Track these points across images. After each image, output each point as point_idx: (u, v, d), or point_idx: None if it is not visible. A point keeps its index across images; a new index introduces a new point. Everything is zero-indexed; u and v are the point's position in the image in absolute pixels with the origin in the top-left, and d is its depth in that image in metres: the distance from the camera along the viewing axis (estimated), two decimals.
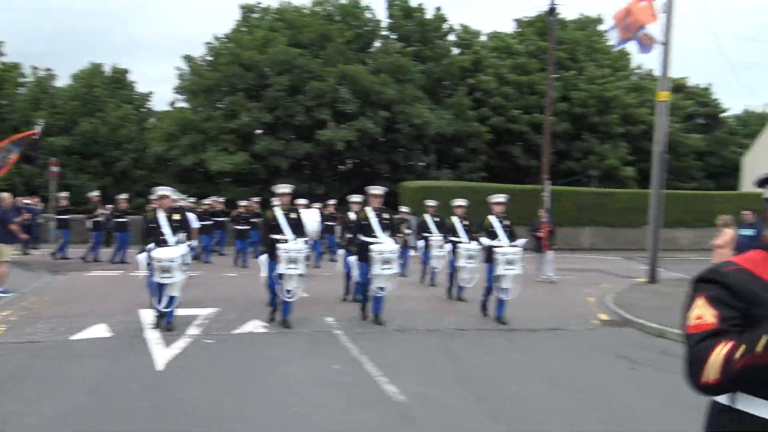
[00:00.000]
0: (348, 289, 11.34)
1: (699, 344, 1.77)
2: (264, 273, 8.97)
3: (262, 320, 9.06)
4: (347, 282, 11.29)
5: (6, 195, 11.77)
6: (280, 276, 8.58)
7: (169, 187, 9.17)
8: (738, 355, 1.65)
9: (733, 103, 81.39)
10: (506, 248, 9.52)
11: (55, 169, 22.97)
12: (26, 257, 17.02)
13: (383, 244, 9.06)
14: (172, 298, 8.34)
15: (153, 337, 7.87)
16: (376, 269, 8.87)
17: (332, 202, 19.99)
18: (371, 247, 8.99)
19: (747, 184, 32.91)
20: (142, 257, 8.55)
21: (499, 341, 8.40)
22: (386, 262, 8.89)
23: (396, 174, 31.31)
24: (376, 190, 9.50)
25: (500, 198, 10.10)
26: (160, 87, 71.50)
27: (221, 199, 19.94)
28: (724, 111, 47.82)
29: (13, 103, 29.88)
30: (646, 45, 14.91)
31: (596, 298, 12.51)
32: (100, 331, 8.24)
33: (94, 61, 33.78)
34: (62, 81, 33.33)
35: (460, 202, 12.43)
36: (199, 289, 11.93)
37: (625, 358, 7.55)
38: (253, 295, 10.40)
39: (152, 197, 9.88)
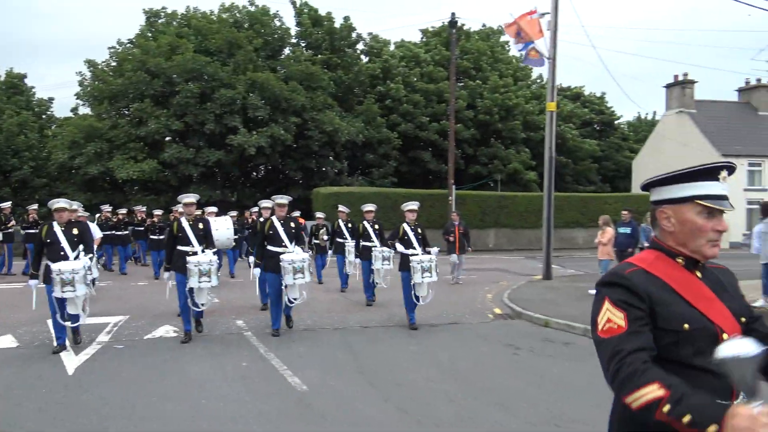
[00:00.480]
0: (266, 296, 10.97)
1: (628, 356, 1.84)
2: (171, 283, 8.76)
3: (173, 326, 9.31)
4: (261, 285, 11.02)
5: None
6: (191, 290, 8.36)
7: (65, 199, 8.55)
8: (664, 410, 1.72)
9: (625, 110, 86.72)
10: (422, 256, 9.58)
11: None
12: None
13: (293, 254, 8.87)
14: (74, 316, 7.88)
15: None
16: (289, 279, 8.71)
17: (256, 209, 19.81)
18: (282, 257, 8.78)
19: (637, 186, 35.49)
20: (33, 283, 8.04)
21: (399, 335, 9.06)
22: (297, 271, 8.73)
23: (309, 180, 31.74)
24: (281, 199, 9.36)
25: (413, 206, 10.17)
26: (59, 92, 68.41)
27: (143, 209, 19.66)
28: (617, 118, 51.15)
29: None
30: (534, 58, 16.15)
31: (494, 294, 13.45)
32: (6, 341, 8.27)
33: None
34: None
35: (369, 207, 12.56)
36: (109, 298, 11.99)
37: (510, 346, 8.38)
38: (165, 303, 10.59)
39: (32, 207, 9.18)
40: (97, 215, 18.51)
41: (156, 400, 5.77)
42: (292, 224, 9.37)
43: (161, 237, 17.03)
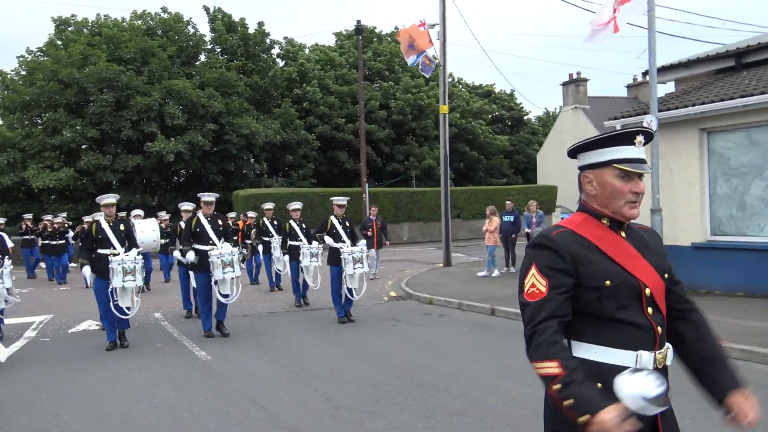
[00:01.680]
0: (190, 303, 10.85)
1: (541, 323, 1.99)
2: (89, 283, 8.81)
3: (95, 320, 10.27)
4: (184, 294, 10.93)
5: None
6: (114, 291, 8.10)
7: None
8: (554, 387, 1.89)
9: (534, 106, 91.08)
10: (352, 247, 9.73)
11: None
12: None
13: (222, 248, 8.80)
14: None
15: None
16: (218, 274, 8.63)
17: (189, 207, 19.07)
18: (210, 252, 8.73)
19: (541, 178, 38.05)
20: None
21: (300, 318, 10.38)
22: (227, 264, 8.64)
23: (230, 183, 32.48)
24: (208, 197, 9.25)
25: (342, 201, 10.42)
26: None
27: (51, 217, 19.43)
28: (526, 114, 54.03)
29: None
30: (427, 66, 17.77)
31: (394, 281, 14.94)
32: None
33: None
34: None
35: (296, 205, 12.48)
36: (32, 301, 12.77)
37: (392, 320, 9.85)
38: (86, 303, 11.47)
39: None
40: (19, 224, 18.93)
41: (80, 376, 6.86)
42: (220, 222, 9.26)
43: (58, 242, 17.34)
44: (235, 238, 11.93)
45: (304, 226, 12.13)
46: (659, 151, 9.88)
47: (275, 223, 13.99)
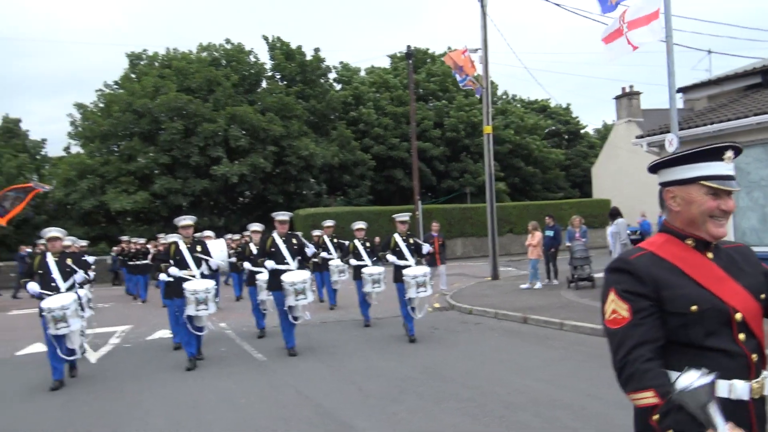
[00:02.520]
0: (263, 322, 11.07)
1: (631, 353, 1.89)
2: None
3: (167, 330, 11.58)
4: (256, 313, 11.14)
5: None
6: (190, 318, 8.39)
7: (59, 229, 8.41)
8: (654, 418, 1.80)
9: (592, 119, 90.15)
10: (415, 270, 9.57)
11: None
12: None
13: (295, 274, 8.79)
14: (71, 351, 7.82)
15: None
16: (291, 300, 8.65)
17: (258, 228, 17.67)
18: (282, 278, 8.70)
19: (597, 191, 38.05)
20: (32, 288, 7.78)
21: (352, 327, 11.38)
22: (299, 293, 8.63)
23: (291, 203, 34.06)
24: (282, 216, 9.20)
25: (404, 217, 10.23)
26: (48, 127, 70.58)
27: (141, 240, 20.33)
28: (583, 127, 53.89)
29: None
30: (476, 88, 18.72)
31: (440, 294, 15.79)
32: (37, 347, 10.53)
33: None
34: None
35: (360, 225, 12.30)
36: (114, 313, 14.33)
37: (432, 327, 10.74)
38: (160, 316, 12.85)
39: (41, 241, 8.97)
40: (114, 248, 20.23)
41: (159, 374, 8.08)
42: (294, 240, 9.21)
43: (141, 262, 18.01)
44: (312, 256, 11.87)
45: (368, 245, 12.11)
46: None
47: (334, 240, 14.14)
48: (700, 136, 10.67)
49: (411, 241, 10.11)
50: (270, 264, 8.88)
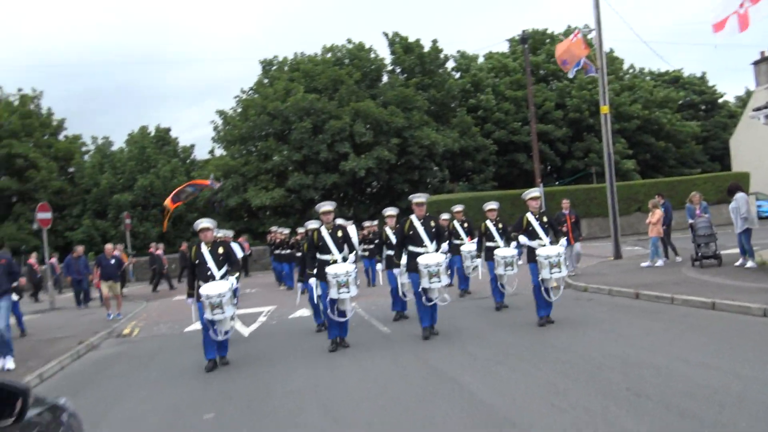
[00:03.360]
0: (400, 305, 11.01)
1: None
2: (317, 293, 9.17)
3: (308, 309, 13.02)
4: (395, 297, 10.95)
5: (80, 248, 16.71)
6: (332, 301, 8.52)
7: (209, 219, 8.83)
8: None
9: (731, 87, 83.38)
10: (549, 250, 9.16)
11: (128, 221, 27.57)
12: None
13: (430, 256, 8.82)
14: (226, 332, 8.26)
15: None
16: (425, 282, 8.69)
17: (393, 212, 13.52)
18: (418, 260, 8.77)
19: (736, 164, 35.88)
20: (190, 301, 8.54)
21: (469, 305, 12.22)
22: (434, 275, 8.66)
23: (415, 190, 35.13)
24: (419, 198, 9.16)
25: (535, 192, 9.77)
26: (193, 132, 76.99)
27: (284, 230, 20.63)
28: (720, 96, 50.55)
29: (81, 170, 35.04)
30: (588, 68, 18.74)
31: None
32: (197, 326, 12.37)
33: (142, 124, 39.04)
34: (116, 139, 38.61)
35: (492, 205, 11.93)
36: (260, 297, 16.19)
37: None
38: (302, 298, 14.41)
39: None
40: (268, 236, 21.55)
41: (297, 344, 9.44)
42: (432, 223, 9.17)
43: (287, 252, 18.30)
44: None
45: (500, 226, 11.66)
46: None
47: (465, 225, 13.75)
48: None
49: (545, 219, 9.55)
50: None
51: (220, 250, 8.43)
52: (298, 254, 15.75)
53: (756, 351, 6.42)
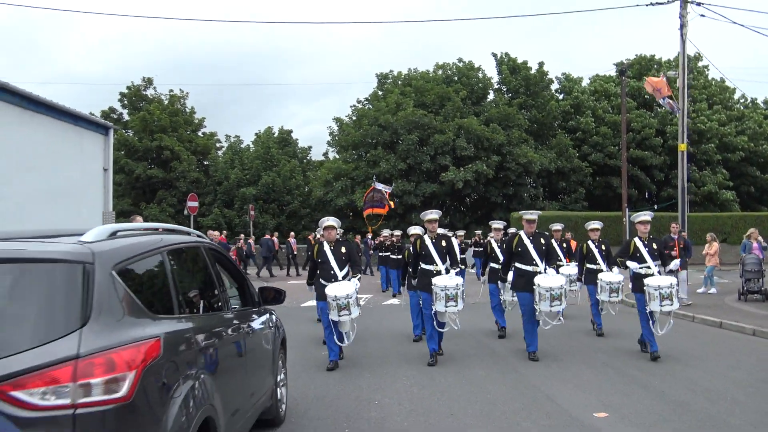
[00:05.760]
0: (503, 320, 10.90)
1: None
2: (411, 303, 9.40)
3: (398, 299, 15.92)
4: (497, 317, 10.96)
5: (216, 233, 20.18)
6: (437, 313, 8.35)
7: (335, 218, 8.97)
8: None
9: None
10: (660, 280, 8.56)
11: (252, 213, 31.80)
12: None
13: (551, 279, 8.48)
14: (342, 335, 8.18)
15: None
16: (545, 306, 8.38)
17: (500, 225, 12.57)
18: (535, 280, 8.48)
19: None
20: (310, 287, 9.02)
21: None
22: (554, 299, 8.33)
23: (509, 204, 37.55)
24: (530, 215, 8.96)
25: (646, 216, 9.12)
26: (305, 128, 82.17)
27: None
28: None
29: (215, 164, 40.05)
30: (672, 108, 20.62)
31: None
32: (312, 303, 15.57)
33: (269, 125, 43.74)
34: (245, 137, 43.52)
35: (595, 225, 11.40)
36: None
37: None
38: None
39: (318, 230, 9.77)
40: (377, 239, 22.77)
41: (396, 360, 12.32)
42: (542, 240, 8.87)
43: (396, 257, 17.72)
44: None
45: (603, 248, 11.13)
46: None
47: (564, 246, 12.91)
48: None
49: (654, 245, 9.07)
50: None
51: (343, 250, 8.47)
52: (394, 256, 17.74)
53: None
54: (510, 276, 9.11)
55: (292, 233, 30.24)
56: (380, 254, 19.62)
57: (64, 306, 2.52)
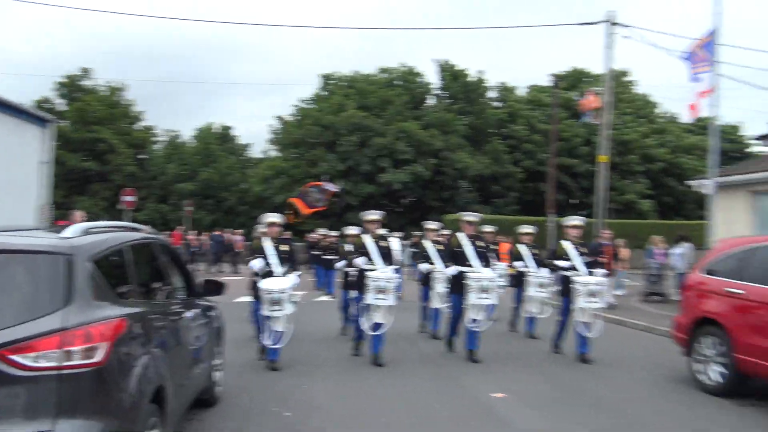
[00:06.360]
0: (429, 318, 10.88)
1: None
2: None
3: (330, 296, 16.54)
4: (423, 312, 11.04)
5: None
6: (368, 306, 8.24)
7: (277, 215, 8.72)
8: None
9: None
10: (588, 278, 8.70)
11: (190, 208, 31.84)
12: None
13: (481, 273, 8.53)
14: (278, 333, 7.82)
15: None
16: (473, 298, 8.42)
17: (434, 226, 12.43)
18: (468, 275, 8.52)
19: None
20: (255, 264, 8.24)
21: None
22: (484, 290, 8.38)
23: (444, 208, 38.76)
24: (470, 216, 8.99)
25: (576, 221, 9.22)
26: (247, 124, 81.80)
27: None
28: (748, 146, 52.47)
29: (152, 158, 39.74)
30: (590, 116, 22.21)
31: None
32: (245, 299, 16.07)
33: (210, 120, 43.66)
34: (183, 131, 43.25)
35: (527, 229, 11.48)
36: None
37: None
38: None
39: (260, 226, 9.14)
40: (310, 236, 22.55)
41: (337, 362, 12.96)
42: (480, 243, 8.92)
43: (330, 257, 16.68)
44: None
45: (535, 251, 11.22)
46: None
47: (494, 248, 12.50)
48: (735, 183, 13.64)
49: (583, 249, 9.15)
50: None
51: (284, 247, 8.28)
52: (327, 257, 16.74)
53: None
54: (449, 272, 8.86)
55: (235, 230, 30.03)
56: (313, 253, 19.47)
57: (51, 289, 3.09)
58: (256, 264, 8.13)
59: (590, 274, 8.80)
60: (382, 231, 9.21)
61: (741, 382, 6.62)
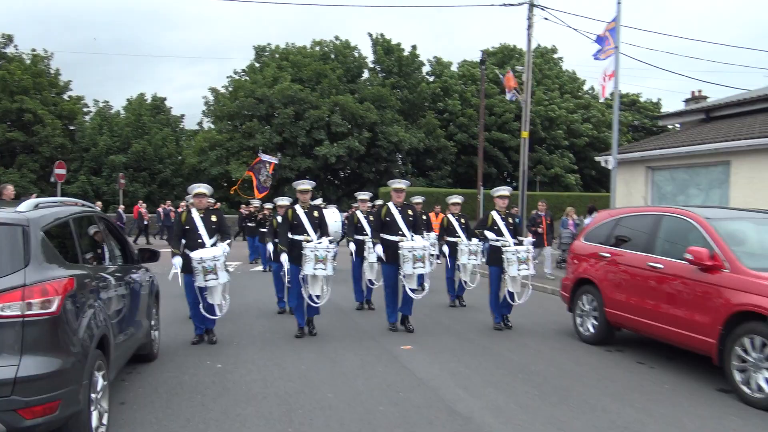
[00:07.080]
0: (365, 294, 10.95)
1: None
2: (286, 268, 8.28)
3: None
4: (356, 286, 11.06)
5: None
6: (304, 279, 8.11)
7: (206, 186, 8.30)
8: None
9: None
10: (517, 246, 8.83)
11: (123, 181, 31.58)
12: None
13: (414, 241, 8.52)
14: (213, 308, 7.72)
15: None
16: (408, 268, 8.44)
17: (366, 196, 12.39)
18: (400, 244, 8.49)
19: None
20: (177, 261, 7.76)
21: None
22: (418, 260, 8.39)
23: (380, 180, 39.70)
24: (398, 184, 8.84)
25: (504, 191, 9.31)
26: (181, 93, 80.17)
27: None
28: (660, 122, 55.47)
29: (82, 129, 38.89)
30: (511, 94, 23.36)
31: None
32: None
33: (141, 91, 42.83)
34: (115, 102, 42.32)
35: (456, 199, 11.43)
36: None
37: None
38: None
39: (188, 197, 9.04)
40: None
41: (270, 336, 13.63)
42: (410, 212, 8.89)
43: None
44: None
45: (463, 221, 11.38)
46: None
47: (424, 218, 13.03)
48: (635, 159, 15.00)
49: (510, 219, 9.24)
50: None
51: (213, 218, 8.00)
52: (262, 230, 15.97)
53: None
54: (377, 251, 8.75)
55: (169, 202, 29.83)
56: (248, 225, 19.27)
57: (12, 253, 3.76)
58: (178, 262, 7.76)
59: (518, 243, 8.97)
60: (316, 201, 9.22)
61: (609, 331, 7.85)
